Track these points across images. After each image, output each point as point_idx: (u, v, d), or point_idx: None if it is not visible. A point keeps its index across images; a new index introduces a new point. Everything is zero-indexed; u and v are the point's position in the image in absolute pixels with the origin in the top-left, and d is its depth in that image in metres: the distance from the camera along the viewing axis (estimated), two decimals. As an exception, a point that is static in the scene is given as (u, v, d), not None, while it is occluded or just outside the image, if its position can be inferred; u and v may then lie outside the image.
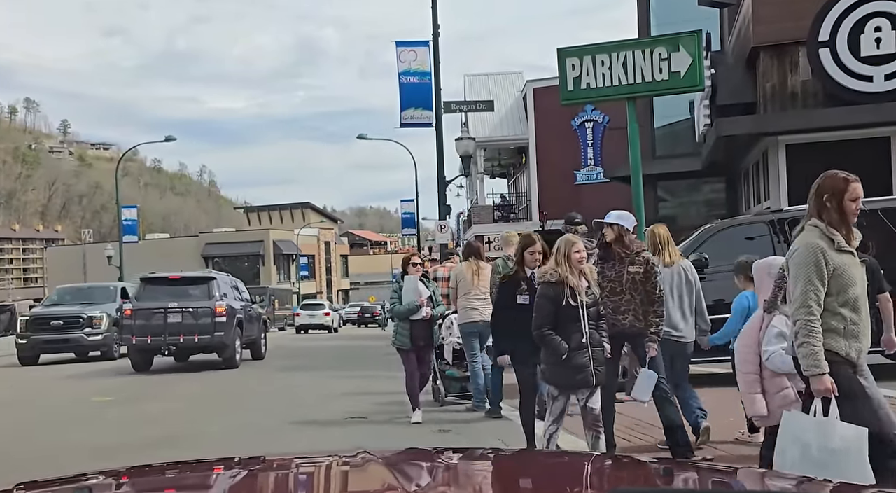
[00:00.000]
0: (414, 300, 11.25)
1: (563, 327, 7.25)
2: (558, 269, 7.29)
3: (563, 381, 7.35)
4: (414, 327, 11.32)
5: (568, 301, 7.24)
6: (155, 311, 20.21)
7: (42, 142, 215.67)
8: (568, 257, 7.31)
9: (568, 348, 7.19)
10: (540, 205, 37.47)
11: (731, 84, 19.61)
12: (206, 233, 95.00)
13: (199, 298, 20.69)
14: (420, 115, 22.83)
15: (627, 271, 8.05)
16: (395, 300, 11.47)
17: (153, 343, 20.35)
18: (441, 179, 22.97)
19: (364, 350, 29.18)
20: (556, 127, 36.42)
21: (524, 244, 8.60)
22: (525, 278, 8.42)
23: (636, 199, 16.11)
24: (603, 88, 15.52)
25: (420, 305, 11.25)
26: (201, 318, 20.27)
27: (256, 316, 24.20)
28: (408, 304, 11.28)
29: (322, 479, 2.69)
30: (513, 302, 8.38)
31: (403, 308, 11.30)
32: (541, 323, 7.35)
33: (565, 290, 7.25)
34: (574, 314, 7.25)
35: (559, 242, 7.44)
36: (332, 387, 16.08)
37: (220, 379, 18.94)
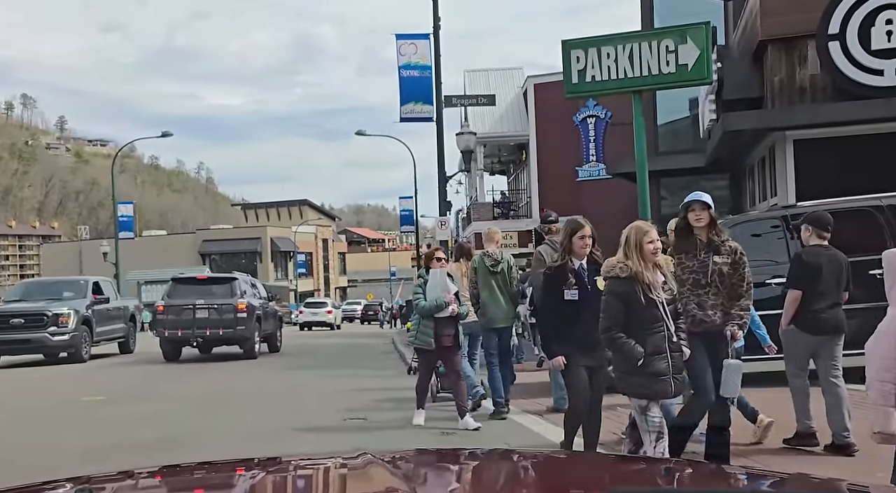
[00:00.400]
0: (441, 297, 10.48)
1: (636, 328, 6.40)
2: (628, 262, 6.42)
3: (638, 390, 6.48)
4: (438, 325, 10.57)
5: (641, 299, 6.38)
6: (184, 307, 22.84)
7: (39, 138, 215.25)
8: (640, 248, 6.43)
9: (644, 353, 6.35)
10: (540, 202, 37.08)
11: (737, 78, 19.24)
12: (204, 230, 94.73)
13: (223, 296, 23.12)
14: (420, 109, 22.41)
15: (713, 262, 7.10)
16: (420, 296, 10.65)
17: (183, 336, 22.98)
18: (441, 174, 22.59)
19: (363, 348, 28.92)
20: (556, 123, 36.03)
21: (572, 229, 7.59)
22: (573, 270, 7.47)
23: (642, 195, 15.76)
24: (608, 81, 15.17)
25: (448, 302, 10.50)
26: (225, 314, 22.71)
27: (273, 312, 26.27)
28: (433, 300, 10.50)
29: (322, 481, 2.68)
30: (559, 298, 7.45)
31: (428, 305, 10.51)
32: (610, 325, 6.47)
33: (638, 286, 6.38)
34: (649, 314, 6.40)
35: (628, 231, 6.56)
36: (332, 386, 15.73)
37: (218, 378, 18.67)
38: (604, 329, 6.54)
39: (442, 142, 22.52)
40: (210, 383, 17.42)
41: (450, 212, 23.84)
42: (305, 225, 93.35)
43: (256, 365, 21.66)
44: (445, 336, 10.56)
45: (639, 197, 15.87)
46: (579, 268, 7.49)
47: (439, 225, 22.54)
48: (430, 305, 10.48)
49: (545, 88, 37.16)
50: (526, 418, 10.98)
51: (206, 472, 2.76)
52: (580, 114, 30.19)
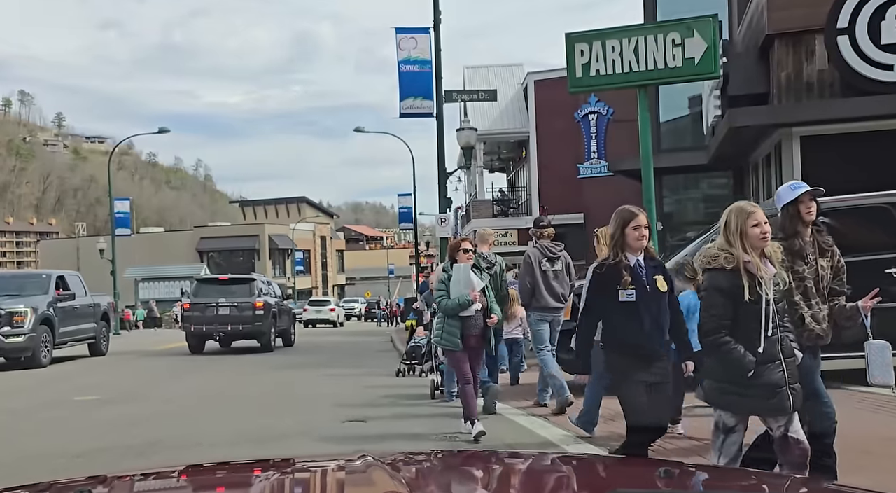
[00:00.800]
0: (465, 294, 9.58)
1: (742, 331, 5.35)
2: (733, 250, 5.34)
3: (747, 406, 5.44)
4: (465, 324, 9.70)
5: (748, 295, 5.31)
6: (208, 305, 24.89)
7: (37, 135, 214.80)
8: (744, 233, 5.36)
9: (755, 361, 5.31)
10: (540, 200, 36.79)
11: (742, 74, 18.93)
12: (201, 227, 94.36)
13: (243, 295, 25.19)
14: (420, 104, 22.01)
15: (821, 266, 6.13)
16: (443, 293, 9.75)
17: (207, 331, 25.14)
18: (441, 171, 22.21)
19: (362, 346, 28.65)
20: (557, 120, 35.72)
21: (623, 219, 6.32)
22: (629, 267, 6.25)
23: (647, 191, 15.45)
24: (613, 74, 14.85)
25: (472, 299, 9.60)
26: (244, 311, 24.81)
27: (287, 310, 28.79)
28: (458, 298, 9.60)
29: (322, 483, 2.69)
30: (613, 300, 6.26)
31: (453, 303, 9.60)
32: (716, 326, 5.37)
33: (745, 279, 5.32)
34: (757, 313, 5.32)
35: (728, 214, 5.51)
36: (328, 387, 15.40)
37: (212, 378, 18.33)
38: (708, 332, 5.47)
39: (442, 138, 22.16)
40: (205, 383, 17.07)
41: (450, 209, 23.48)
42: (303, 222, 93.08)
43: (256, 362, 21.33)
44: (472, 336, 9.73)
45: (643, 194, 15.57)
46: (636, 265, 6.30)
47: (439, 222, 22.17)
48: (453, 303, 9.57)
49: (546, 84, 36.82)
50: (529, 420, 10.65)
51: (206, 473, 2.77)
52: (582, 110, 29.89)
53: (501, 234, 37.73)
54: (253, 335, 25.42)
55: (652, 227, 14.39)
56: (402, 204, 53.63)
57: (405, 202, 52.72)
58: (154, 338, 38.98)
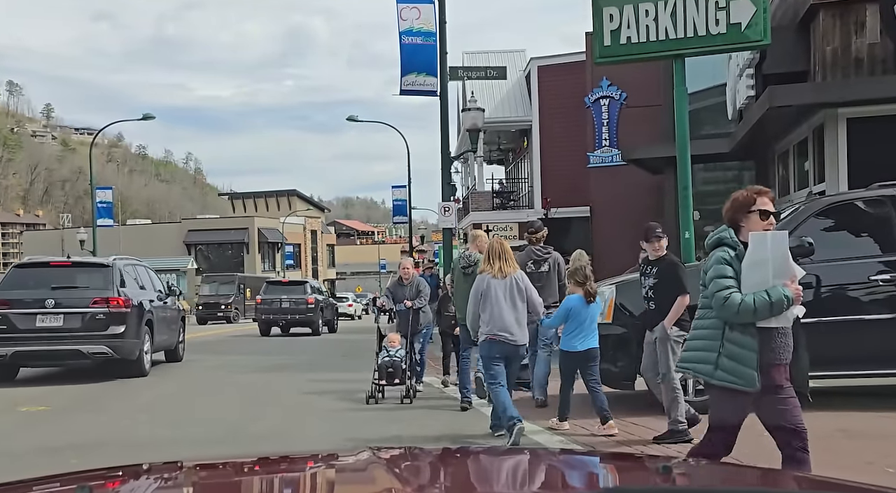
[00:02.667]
0: (779, 285, 7.23)
1: None
2: None
3: None
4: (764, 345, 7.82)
5: None
6: (274, 300, 33.67)
7: (25, 126, 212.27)
8: None
9: None
10: (542, 191, 35.04)
11: (781, 49, 17.13)
12: (189, 219, 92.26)
13: (299, 293, 34.00)
14: (423, 81, 20.10)
15: None
16: (731, 285, 7.43)
17: (273, 319, 33.58)
18: (445, 154, 20.37)
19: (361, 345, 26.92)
20: (561, 108, 34.00)
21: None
22: None
23: (682, 177, 13.73)
24: (646, 42, 13.10)
25: (794, 297, 7.31)
26: (300, 305, 33.50)
27: (330, 305, 37.43)
28: (768, 293, 7.13)
29: (325, 478, 2.67)
30: None
31: (762, 301, 6.78)
32: None
33: None
34: None
35: None
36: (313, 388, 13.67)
37: (192, 381, 16.87)
38: None
39: (446, 118, 20.32)
40: (176, 389, 15.31)
41: (453, 197, 21.63)
42: (294, 216, 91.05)
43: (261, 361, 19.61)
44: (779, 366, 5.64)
45: (678, 180, 13.86)
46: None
47: (442, 211, 20.30)
48: (762, 302, 5.22)
49: (549, 70, 35.09)
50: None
51: (208, 469, 2.78)
52: (593, 95, 28.13)
53: (501, 227, 36.00)
54: (305, 324, 33.68)
55: (688, 216, 12.71)
56: (396, 196, 51.95)
57: (399, 195, 51.05)
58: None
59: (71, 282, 16.45)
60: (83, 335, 15.79)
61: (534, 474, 2.73)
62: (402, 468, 2.63)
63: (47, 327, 15.81)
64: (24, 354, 15.82)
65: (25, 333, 15.67)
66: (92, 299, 16.01)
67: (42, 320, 15.87)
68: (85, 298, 16.05)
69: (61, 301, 15.91)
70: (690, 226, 13.46)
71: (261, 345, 27.62)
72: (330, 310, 36.57)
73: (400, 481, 2.46)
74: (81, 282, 16.50)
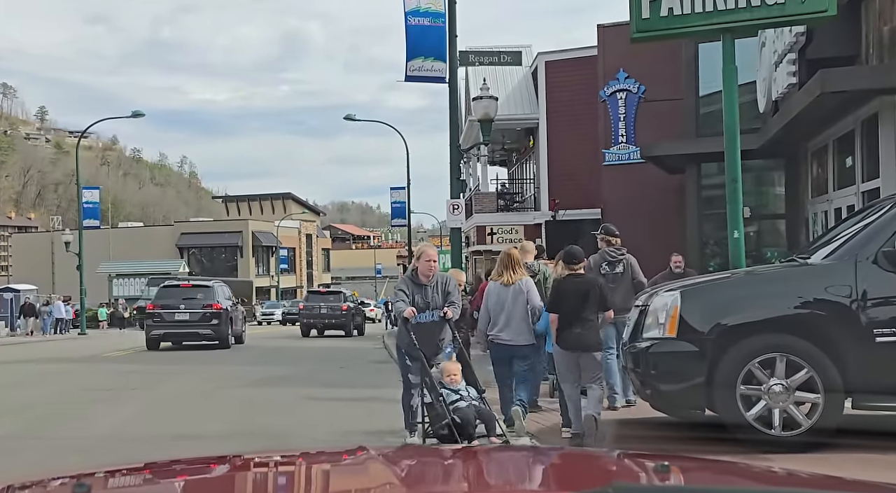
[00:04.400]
0: None
1: None
2: None
3: None
4: None
5: None
6: (314, 307, 39.14)
7: (18, 128, 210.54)
8: None
9: None
10: (550, 192, 33.37)
11: (827, 31, 15.50)
12: (182, 222, 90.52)
13: (335, 301, 39.40)
14: (431, 66, 18.37)
15: None
16: None
17: (313, 323, 38.70)
18: (454, 147, 18.71)
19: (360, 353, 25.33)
20: (570, 105, 32.32)
21: None
22: None
23: (731, 169, 12.06)
24: (691, 14, 11.47)
25: None
26: (336, 311, 38.62)
27: (360, 311, 42.95)
28: None
29: (322, 476, 2.67)
30: None
31: None
32: None
33: None
34: None
35: None
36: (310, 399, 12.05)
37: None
38: None
39: (455, 108, 18.67)
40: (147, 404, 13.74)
41: (463, 194, 19.92)
42: (289, 219, 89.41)
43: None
44: None
45: (727, 171, 12.20)
46: None
47: (451, 209, 18.62)
48: None
49: (558, 66, 33.40)
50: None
51: (205, 467, 2.78)
52: (608, 88, 26.47)
53: (506, 230, 34.34)
54: (339, 327, 38.43)
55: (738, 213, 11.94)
56: (394, 198, 50.28)
57: (397, 197, 49.43)
58: (125, 338, 35.62)
59: (192, 294, 28.42)
60: (198, 324, 27.69)
61: (532, 472, 2.74)
62: (398, 467, 2.62)
63: (179, 320, 27.67)
64: (168, 334, 27.86)
65: (168, 322, 27.65)
66: (202, 304, 27.84)
67: (177, 315, 27.64)
68: (199, 303, 27.86)
69: (187, 305, 27.77)
70: (740, 224, 11.84)
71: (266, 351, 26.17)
72: (360, 316, 42.20)
73: (396, 478, 2.46)
74: (197, 294, 28.40)
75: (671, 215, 24.86)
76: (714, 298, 8.22)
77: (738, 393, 7.65)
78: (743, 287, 8.52)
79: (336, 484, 2.59)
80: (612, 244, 11.96)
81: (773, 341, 7.85)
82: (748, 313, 7.97)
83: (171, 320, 27.09)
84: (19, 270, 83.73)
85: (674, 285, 8.88)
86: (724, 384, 7.54)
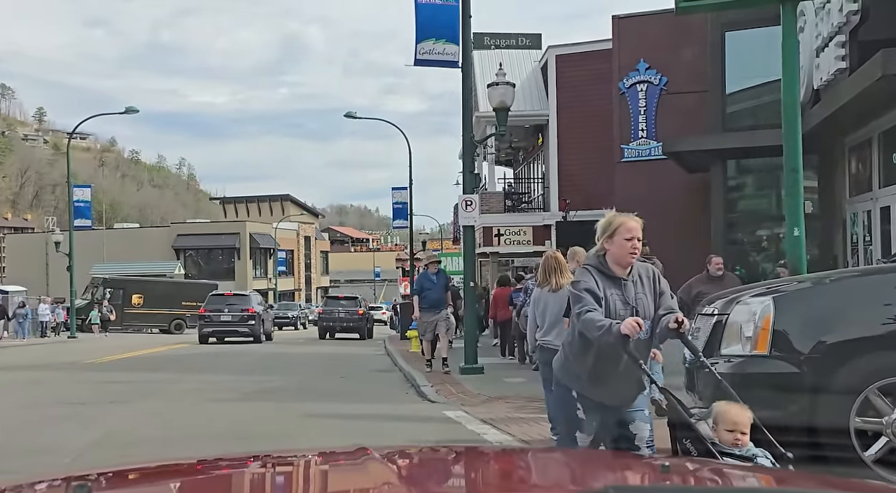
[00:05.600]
0: None
1: None
2: None
3: None
4: None
5: None
6: (331, 311, 40.85)
7: (16, 129, 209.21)
8: None
9: None
10: (560, 192, 31.89)
11: (883, 11, 14.03)
12: (178, 224, 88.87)
13: (351, 306, 40.72)
14: (442, 49, 16.81)
15: None
16: None
17: (331, 325, 40.12)
18: (467, 138, 17.18)
19: (362, 360, 23.82)
20: (582, 101, 30.87)
21: None
22: None
23: (792, 157, 10.59)
24: (747, -20, 10.06)
25: None
26: (353, 315, 40.03)
27: (371, 317, 44.15)
28: None
29: (322, 477, 2.67)
30: None
31: None
32: None
33: None
34: None
35: None
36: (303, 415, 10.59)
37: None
38: None
39: (469, 96, 17.13)
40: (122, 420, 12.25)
41: (477, 189, 18.32)
42: (287, 221, 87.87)
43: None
44: None
45: (786, 160, 10.74)
46: None
47: (464, 205, 17.07)
48: None
49: (569, 59, 31.92)
50: None
51: (206, 468, 2.75)
52: (628, 79, 24.97)
53: (514, 231, 32.84)
54: (354, 330, 39.93)
55: (798, 207, 10.71)
56: (396, 199, 48.79)
57: (399, 197, 47.97)
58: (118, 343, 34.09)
59: (233, 301, 36.35)
60: (238, 324, 35.16)
61: (533, 473, 2.73)
62: (398, 467, 2.59)
63: (224, 321, 35.12)
64: (216, 332, 35.00)
65: (216, 322, 35.04)
66: (241, 308, 35.46)
67: (222, 317, 35.13)
68: (239, 308, 35.52)
69: (229, 309, 35.40)
70: (801, 220, 10.40)
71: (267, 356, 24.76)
72: (371, 321, 44.09)
73: (396, 479, 2.42)
74: (237, 301, 36.38)
75: (691, 217, 23.34)
76: (819, 306, 6.60)
77: (851, 427, 6.11)
78: (856, 293, 6.86)
79: (338, 485, 2.60)
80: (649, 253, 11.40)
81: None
82: (864, 325, 6.36)
83: (218, 321, 35.42)
84: (13, 271, 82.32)
85: (759, 287, 7.31)
86: (833, 416, 5.99)
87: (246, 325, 34.88)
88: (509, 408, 12.53)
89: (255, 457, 2.85)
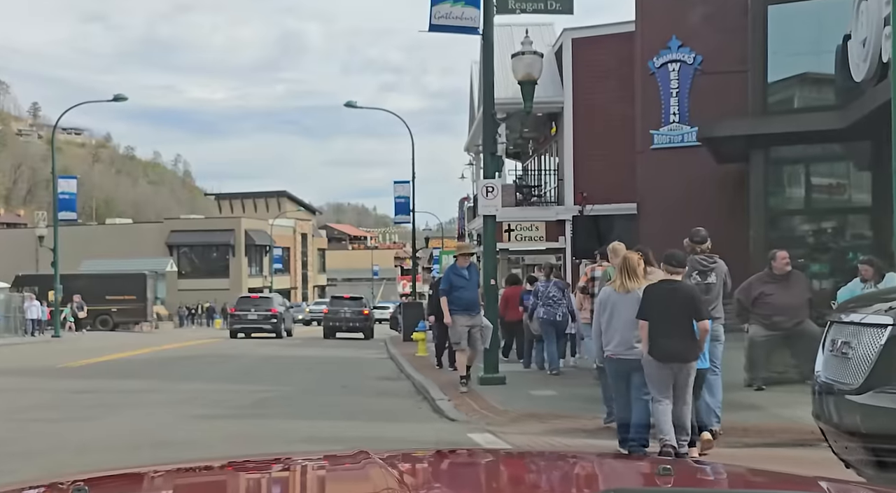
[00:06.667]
0: None
1: None
2: None
3: None
4: None
5: None
6: (338, 311, 42.09)
7: (10, 124, 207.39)
8: None
9: None
10: (576, 185, 29.88)
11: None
12: (172, 219, 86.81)
13: (357, 306, 42.03)
14: (461, 13, 14.56)
15: None
16: None
17: (336, 325, 41.34)
18: (488, 115, 15.12)
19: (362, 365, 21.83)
20: (600, 87, 28.89)
21: None
22: None
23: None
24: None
25: None
26: (358, 315, 41.43)
27: (373, 317, 44.75)
28: None
29: (321, 479, 2.66)
30: None
31: None
32: None
33: None
34: None
35: None
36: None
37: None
38: None
39: (491, 65, 15.04)
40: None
41: (499, 174, 16.23)
42: (283, 218, 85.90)
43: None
44: None
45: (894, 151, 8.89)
46: None
47: (484, 192, 14.93)
48: None
49: (586, 43, 29.95)
50: None
51: (205, 470, 2.77)
52: (658, 58, 22.94)
53: (526, 226, 30.80)
54: (360, 330, 40.78)
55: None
56: (398, 193, 46.78)
57: (402, 191, 46.02)
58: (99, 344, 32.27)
59: (259, 302, 41.94)
60: (263, 321, 40.43)
61: (533, 475, 2.73)
62: (398, 470, 2.51)
63: (252, 318, 40.45)
64: (245, 328, 40.08)
65: (245, 320, 40.38)
66: (265, 308, 40.94)
67: (250, 316, 40.47)
68: (263, 307, 41.05)
69: (256, 309, 40.81)
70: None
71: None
72: (373, 320, 44.87)
73: (396, 482, 2.38)
74: (262, 302, 41.92)
75: (722, 210, 21.31)
76: None
77: None
78: None
79: (339, 488, 2.59)
80: (702, 252, 10.78)
81: None
82: None
83: (246, 318, 40.55)
84: (2, 267, 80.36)
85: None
86: None
87: (269, 322, 40.19)
88: (546, 430, 10.51)
89: (256, 460, 2.82)
